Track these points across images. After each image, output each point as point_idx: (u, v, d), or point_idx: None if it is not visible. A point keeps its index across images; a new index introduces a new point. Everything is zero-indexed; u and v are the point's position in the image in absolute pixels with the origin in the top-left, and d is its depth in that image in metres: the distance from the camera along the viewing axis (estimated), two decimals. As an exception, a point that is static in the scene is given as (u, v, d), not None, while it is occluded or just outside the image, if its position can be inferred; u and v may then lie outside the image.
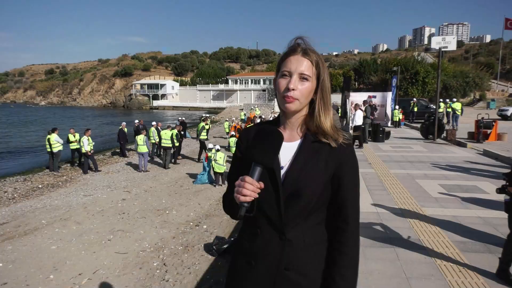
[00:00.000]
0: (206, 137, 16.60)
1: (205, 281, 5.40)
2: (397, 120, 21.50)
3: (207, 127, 21.99)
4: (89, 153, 13.75)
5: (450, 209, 5.70)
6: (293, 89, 1.24)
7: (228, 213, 1.40)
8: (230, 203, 1.33)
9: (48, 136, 13.89)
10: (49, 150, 13.95)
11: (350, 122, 14.16)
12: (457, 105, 19.08)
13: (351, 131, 13.45)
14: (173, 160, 15.50)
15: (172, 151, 15.22)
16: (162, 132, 15.06)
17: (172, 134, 14.81)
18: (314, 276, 1.29)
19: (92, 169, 14.21)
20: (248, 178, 1.15)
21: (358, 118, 13.70)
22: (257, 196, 1.16)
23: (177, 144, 15.29)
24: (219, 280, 5.35)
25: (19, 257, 6.41)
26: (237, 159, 1.44)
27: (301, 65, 1.26)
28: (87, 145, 13.55)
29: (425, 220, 5.19)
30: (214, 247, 6.26)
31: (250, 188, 1.14)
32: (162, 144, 14.93)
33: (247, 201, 1.15)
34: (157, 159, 16.76)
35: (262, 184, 1.17)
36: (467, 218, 5.26)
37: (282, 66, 1.29)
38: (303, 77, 1.26)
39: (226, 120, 24.43)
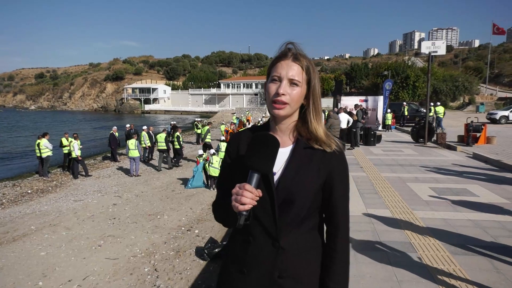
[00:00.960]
0: (210, 140, 16.81)
1: (196, 287, 5.35)
2: (389, 123, 21.69)
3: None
4: (80, 158, 13.65)
5: (440, 212, 5.73)
6: (282, 94, 1.23)
7: (220, 222, 1.36)
8: (224, 211, 1.29)
9: (38, 141, 13.74)
10: (38, 155, 13.80)
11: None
12: (440, 109, 19.76)
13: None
14: (173, 161, 15.78)
15: (171, 152, 15.58)
16: (158, 136, 15.19)
17: (164, 137, 14.98)
18: (309, 282, 1.28)
19: (83, 174, 14.09)
20: (247, 186, 1.13)
21: (342, 121, 13.76)
22: (256, 204, 1.14)
23: (178, 147, 15.50)
24: (210, 285, 5.31)
25: (7, 264, 6.30)
26: (227, 165, 1.40)
27: (291, 70, 1.24)
28: (77, 149, 13.47)
29: (416, 223, 5.22)
30: (205, 250, 6.21)
31: (249, 196, 1.12)
32: (158, 147, 15.10)
33: (246, 210, 1.12)
34: (153, 162, 16.70)
35: (260, 192, 1.16)
36: (457, 221, 5.30)
37: (272, 71, 1.28)
38: (293, 82, 1.24)
39: (223, 123, 24.51)
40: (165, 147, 14.98)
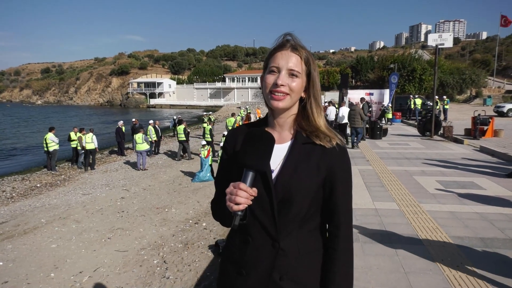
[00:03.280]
0: None
1: (205, 278, 5.43)
2: (389, 117, 21.56)
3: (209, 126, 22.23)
4: (97, 150, 14.77)
5: (447, 205, 5.76)
6: (282, 85, 1.18)
7: (218, 220, 1.32)
8: (221, 211, 1.25)
9: (46, 136, 13.93)
10: (46, 149, 13.98)
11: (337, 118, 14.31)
12: (418, 101, 23.21)
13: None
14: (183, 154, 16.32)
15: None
16: (178, 128, 15.89)
17: (183, 128, 15.54)
18: (311, 285, 1.24)
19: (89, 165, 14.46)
20: (241, 185, 1.08)
21: (342, 115, 13.78)
22: (251, 203, 1.11)
23: (210, 139, 15.99)
24: (219, 277, 5.37)
25: (19, 256, 6.42)
26: (224, 162, 1.36)
27: (290, 60, 1.19)
28: (95, 141, 14.32)
29: (423, 216, 5.25)
30: (219, 245, 6.20)
31: (243, 196, 1.07)
32: (179, 139, 15.75)
33: (241, 210, 1.08)
34: (179, 154, 16.93)
35: (256, 191, 1.11)
36: (464, 214, 5.32)
37: (270, 62, 1.23)
38: (292, 73, 1.19)
39: (238, 115, 24.58)
40: (185, 138, 15.48)
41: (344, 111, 13.84)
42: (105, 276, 5.63)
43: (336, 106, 17.37)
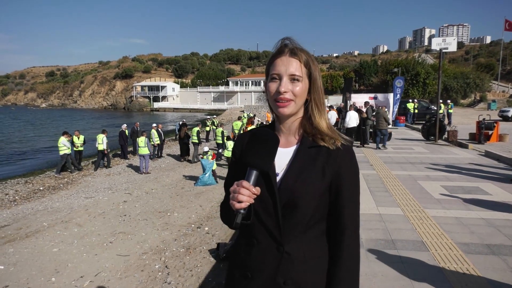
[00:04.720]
0: None
1: (207, 284, 5.37)
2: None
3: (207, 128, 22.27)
4: (105, 151, 15.04)
5: (452, 211, 5.68)
6: (284, 92, 1.18)
7: (225, 223, 1.33)
8: (227, 212, 1.25)
9: (59, 139, 14.22)
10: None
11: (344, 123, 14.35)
12: (410, 105, 23.59)
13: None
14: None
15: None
16: (192, 130, 16.32)
17: (197, 131, 16.10)
18: None
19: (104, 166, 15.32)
20: (244, 183, 1.10)
21: (349, 119, 13.75)
22: (253, 201, 1.11)
23: (221, 142, 16.34)
24: (221, 282, 5.32)
25: (20, 260, 6.39)
26: (233, 165, 1.38)
27: (290, 66, 1.20)
28: (105, 143, 14.86)
29: (428, 222, 5.17)
30: (223, 254, 6.11)
31: (246, 194, 1.09)
32: (192, 141, 16.20)
33: (243, 208, 1.09)
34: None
35: (258, 189, 1.12)
36: (470, 220, 5.25)
37: (270, 69, 1.24)
38: (294, 78, 1.20)
39: (245, 117, 24.58)
40: (197, 141, 15.91)
41: (352, 115, 13.77)
42: (106, 281, 5.58)
43: (343, 111, 17.35)
